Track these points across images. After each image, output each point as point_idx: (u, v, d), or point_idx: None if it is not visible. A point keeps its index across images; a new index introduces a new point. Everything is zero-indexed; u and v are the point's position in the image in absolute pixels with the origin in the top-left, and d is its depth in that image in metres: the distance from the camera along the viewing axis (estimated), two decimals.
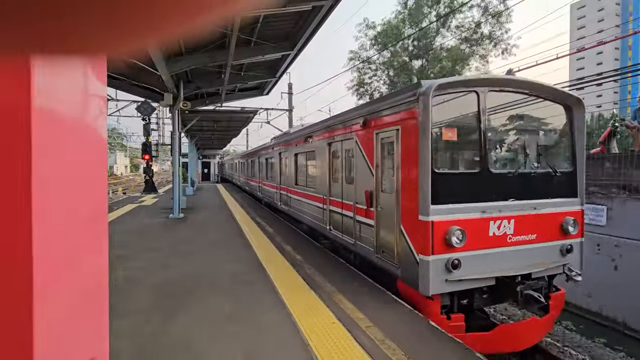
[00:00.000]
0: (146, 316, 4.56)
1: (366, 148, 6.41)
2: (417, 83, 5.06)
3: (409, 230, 5.02)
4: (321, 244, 8.80)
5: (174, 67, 10.28)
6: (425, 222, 4.67)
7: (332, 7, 7.89)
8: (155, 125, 28.42)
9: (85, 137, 1.14)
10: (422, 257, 4.72)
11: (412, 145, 4.89)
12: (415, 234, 4.87)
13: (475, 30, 29.20)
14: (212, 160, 46.43)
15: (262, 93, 16.23)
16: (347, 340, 3.90)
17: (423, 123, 4.71)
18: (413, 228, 4.91)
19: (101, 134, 1.24)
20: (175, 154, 13.29)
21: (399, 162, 5.33)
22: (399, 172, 5.32)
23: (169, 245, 8.61)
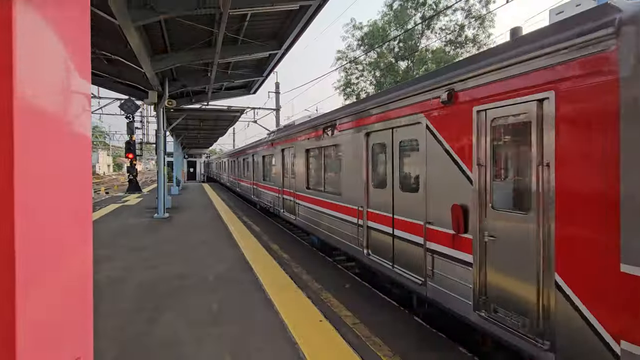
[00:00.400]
0: (130, 316, 4.49)
1: (452, 136, 3.99)
2: (602, 6, 2.73)
3: (585, 290, 2.70)
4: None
5: (159, 65, 10.10)
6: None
7: (319, 7, 7.91)
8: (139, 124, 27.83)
9: (69, 135, 1.13)
10: (631, 348, 2.38)
11: (600, 125, 2.59)
12: (605, 299, 2.56)
13: (460, 34, 29.73)
14: (198, 159, 45.83)
15: (249, 92, 16.12)
16: (334, 337, 3.94)
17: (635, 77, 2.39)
18: (598, 286, 2.60)
19: (85, 132, 1.23)
20: (160, 153, 13.06)
21: (551, 158, 2.94)
22: (554, 177, 2.92)
23: (154, 245, 8.48)
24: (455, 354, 3.77)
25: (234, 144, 52.06)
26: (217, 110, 18.43)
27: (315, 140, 8.39)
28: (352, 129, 6.46)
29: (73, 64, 1.12)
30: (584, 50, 2.69)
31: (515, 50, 3.27)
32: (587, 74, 2.67)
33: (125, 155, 21.62)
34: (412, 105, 4.64)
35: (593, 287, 2.64)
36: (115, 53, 9.83)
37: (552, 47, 2.90)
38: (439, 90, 4.14)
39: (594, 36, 2.62)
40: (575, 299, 2.76)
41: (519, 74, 3.20)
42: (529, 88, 3.10)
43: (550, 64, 2.94)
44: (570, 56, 2.78)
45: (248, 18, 8.65)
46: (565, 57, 2.81)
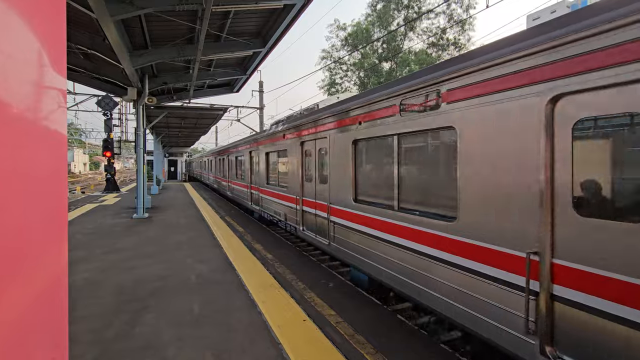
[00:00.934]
0: (108, 319, 4.35)
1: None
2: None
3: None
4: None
5: (138, 61, 9.84)
6: None
7: (304, 6, 7.90)
8: (118, 121, 26.97)
9: (43, 132, 1.09)
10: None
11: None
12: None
13: (441, 36, 30.36)
14: (179, 158, 44.88)
15: (233, 90, 15.92)
16: (318, 336, 3.95)
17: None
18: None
19: (60, 129, 1.19)
20: (139, 151, 12.72)
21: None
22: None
23: (133, 246, 8.25)
24: (435, 348, 3.85)
25: (216, 143, 51.32)
26: (199, 108, 18.13)
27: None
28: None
29: (47, 57, 1.08)
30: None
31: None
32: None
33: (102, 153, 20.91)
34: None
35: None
36: (92, 47, 9.51)
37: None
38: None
39: None
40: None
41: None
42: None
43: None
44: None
45: (231, 15, 8.55)
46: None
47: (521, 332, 2.91)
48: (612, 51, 2.39)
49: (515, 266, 2.97)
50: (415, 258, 4.18)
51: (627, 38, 2.32)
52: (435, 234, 3.87)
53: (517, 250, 2.95)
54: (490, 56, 3.22)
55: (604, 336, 2.42)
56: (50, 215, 1.11)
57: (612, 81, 2.38)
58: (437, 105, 3.84)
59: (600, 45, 2.45)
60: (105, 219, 12.30)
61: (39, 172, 1.04)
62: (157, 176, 26.30)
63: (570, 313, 2.64)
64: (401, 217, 4.50)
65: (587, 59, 2.53)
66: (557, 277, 2.72)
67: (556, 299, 2.73)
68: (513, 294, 2.99)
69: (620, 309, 2.34)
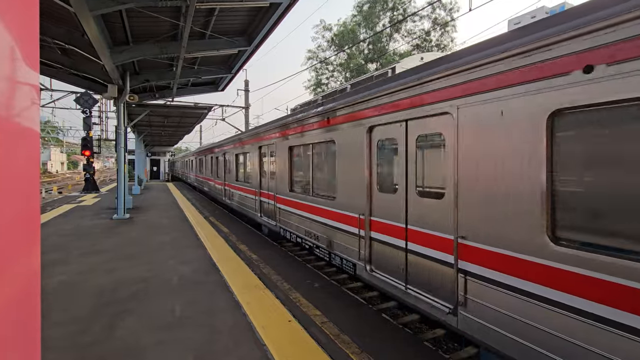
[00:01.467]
0: (85, 324, 4.21)
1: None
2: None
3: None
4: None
5: (119, 57, 9.57)
6: None
7: (290, 5, 7.87)
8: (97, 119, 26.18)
9: (14, 129, 1.04)
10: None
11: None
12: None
13: (425, 38, 30.86)
14: (162, 157, 43.96)
15: (217, 89, 15.69)
16: (303, 337, 3.93)
17: None
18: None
19: (33, 126, 1.14)
20: (120, 150, 12.38)
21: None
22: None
23: (113, 247, 8.02)
24: (419, 346, 3.90)
25: (200, 142, 50.54)
26: (183, 106, 17.80)
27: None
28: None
29: (19, 51, 1.03)
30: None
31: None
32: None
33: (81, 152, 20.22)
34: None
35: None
36: (70, 42, 9.19)
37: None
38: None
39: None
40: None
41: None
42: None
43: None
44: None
45: (216, 12, 8.42)
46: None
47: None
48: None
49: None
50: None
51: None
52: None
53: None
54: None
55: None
56: (21, 216, 1.06)
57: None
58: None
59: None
60: (84, 219, 11.91)
61: (9, 170, 0.99)
62: (139, 176, 25.69)
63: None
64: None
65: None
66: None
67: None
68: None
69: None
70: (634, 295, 2.30)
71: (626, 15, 2.36)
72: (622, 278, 2.36)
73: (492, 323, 3.20)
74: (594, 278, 2.51)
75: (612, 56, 2.45)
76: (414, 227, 4.32)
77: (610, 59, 2.46)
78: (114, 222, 11.40)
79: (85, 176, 22.40)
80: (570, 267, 2.65)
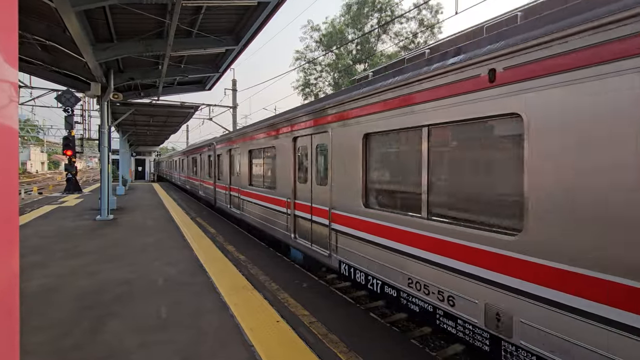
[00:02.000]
0: (67, 328, 4.10)
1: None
2: None
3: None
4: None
5: (102, 55, 9.35)
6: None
7: (278, 4, 7.83)
8: (80, 118, 25.45)
9: None
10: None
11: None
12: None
13: (412, 40, 31.21)
14: (147, 157, 43.15)
15: (204, 88, 15.49)
16: (291, 337, 3.92)
17: None
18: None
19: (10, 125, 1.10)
20: (103, 150, 12.09)
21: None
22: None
23: (96, 249, 7.83)
24: (406, 344, 3.94)
25: (187, 142, 49.83)
26: (169, 106, 17.51)
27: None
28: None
29: None
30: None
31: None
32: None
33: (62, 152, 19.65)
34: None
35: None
36: (51, 39, 8.92)
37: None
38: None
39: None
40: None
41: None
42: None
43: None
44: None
45: (203, 11, 8.32)
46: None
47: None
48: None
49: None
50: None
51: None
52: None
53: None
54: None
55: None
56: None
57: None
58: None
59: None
60: (66, 221, 11.59)
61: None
62: (124, 176, 25.15)
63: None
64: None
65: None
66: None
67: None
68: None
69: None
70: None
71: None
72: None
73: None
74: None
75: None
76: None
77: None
78: (97, 224, 11.13)
79: (67, 176, 21.78)
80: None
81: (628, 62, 2.39)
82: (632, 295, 2.34)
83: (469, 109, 3.48)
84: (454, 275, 3.64)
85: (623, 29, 2.41)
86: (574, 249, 2.66)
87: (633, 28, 2.36)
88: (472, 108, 3.44)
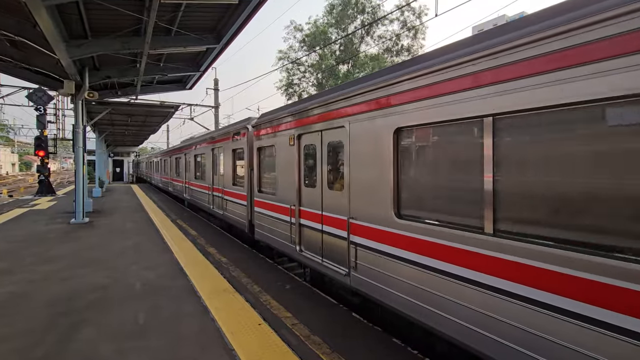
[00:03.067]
0: (37, 337, 3.90)
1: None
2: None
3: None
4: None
5: (76, 52, 9.00)
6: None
7: (260, 3, 7.75)
8: (53, 117, 24.44)
9: None
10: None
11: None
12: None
13: (396, 42, 31.61)
14: (125, 158, 41.93)
15: (185, 87, 15.19)
16: (273, 339, 3.87)
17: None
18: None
19: None
20: (78, 150, 11.65)
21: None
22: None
23: (70, 254, 7.51)
24: (388, 343, 3.96)
25: (167, 142, 48.72)
26: (148, 105, 17.08)
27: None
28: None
29: None
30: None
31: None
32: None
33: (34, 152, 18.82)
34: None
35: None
36: (21, 34, 8.51)
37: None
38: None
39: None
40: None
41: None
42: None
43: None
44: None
45: (182, 8, 8.14)
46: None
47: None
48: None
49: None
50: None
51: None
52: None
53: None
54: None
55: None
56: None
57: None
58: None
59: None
60: (38, 224, 11.09)
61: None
62: (100, 177, 24.35)
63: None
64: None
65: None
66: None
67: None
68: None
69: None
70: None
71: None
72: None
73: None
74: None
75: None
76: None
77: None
78: (71, 227, 10.70)
79: (40, 178, 20.89)
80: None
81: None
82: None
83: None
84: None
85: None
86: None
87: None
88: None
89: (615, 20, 2.22)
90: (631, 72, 2.15)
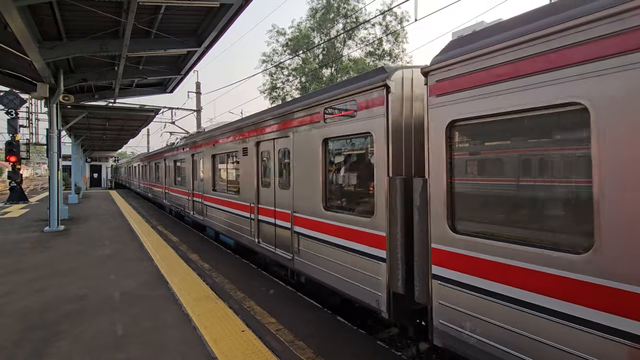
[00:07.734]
0: (7, 353, 3.71)
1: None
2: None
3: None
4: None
5: (50, 54, 8.70)
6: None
7: (242, 7, 7.70)
8: (26, 121, 23.45)
9: None
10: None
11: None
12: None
13: (378, 47, 32.05)
14: (104, 163, 40.69)
15: (166, 90, 14.88)
16: (256, 346, 3.82)
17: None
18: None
19: None
20: (52, 156, 11.22)
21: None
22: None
23: (44, 263, 7.20)
24: (372, 346, 3.97)
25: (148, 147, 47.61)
26: (127, 109, 16.64)
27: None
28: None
29: None
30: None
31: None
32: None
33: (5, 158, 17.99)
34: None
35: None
36: None
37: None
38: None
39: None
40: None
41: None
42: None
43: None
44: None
45: (162, 10, 7.99)
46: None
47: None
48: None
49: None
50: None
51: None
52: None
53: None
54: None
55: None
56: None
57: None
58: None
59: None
60: (9, 233, 10.59)
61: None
62: (77, 183, 23.53)
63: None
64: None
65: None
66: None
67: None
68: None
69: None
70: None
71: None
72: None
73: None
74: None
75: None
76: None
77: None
78: (45, 236, 10.27)
79: (11, 185, 19.98)
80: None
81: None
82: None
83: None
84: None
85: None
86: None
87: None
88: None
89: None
90: None
